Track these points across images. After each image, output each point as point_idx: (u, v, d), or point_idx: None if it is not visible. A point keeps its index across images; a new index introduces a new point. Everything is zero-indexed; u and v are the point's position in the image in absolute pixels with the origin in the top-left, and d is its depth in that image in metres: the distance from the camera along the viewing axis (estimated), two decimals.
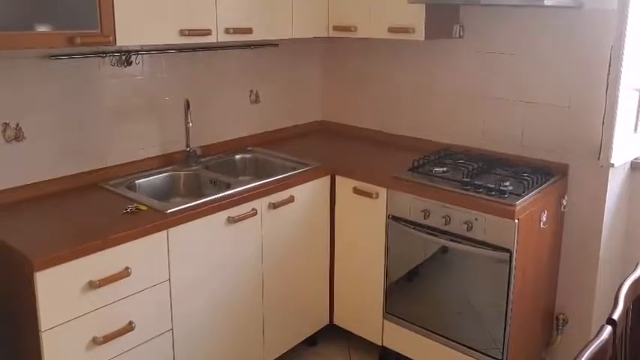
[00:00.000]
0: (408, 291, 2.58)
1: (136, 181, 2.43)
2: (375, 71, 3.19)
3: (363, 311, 2.73)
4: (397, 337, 2.62)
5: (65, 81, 2.27)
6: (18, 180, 2.18)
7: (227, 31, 2.41)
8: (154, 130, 2.63)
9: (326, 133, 3.43)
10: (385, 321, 2.65)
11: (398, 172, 2.54)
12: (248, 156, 2.93)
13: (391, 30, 2.65)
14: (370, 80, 3.22)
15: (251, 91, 3.06)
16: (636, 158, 2.57)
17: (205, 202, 2.20)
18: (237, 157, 2.90)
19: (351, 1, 2.81)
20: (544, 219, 2.39)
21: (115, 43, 2.00)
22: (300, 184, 2.56)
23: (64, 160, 2.31)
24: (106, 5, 1.95)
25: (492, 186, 2.29)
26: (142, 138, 2.58)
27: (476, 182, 2.34)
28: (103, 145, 2.44)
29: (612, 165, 2.37)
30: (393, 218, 2.53)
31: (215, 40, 2.39)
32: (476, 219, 2.26)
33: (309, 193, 2.63)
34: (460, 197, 2.30)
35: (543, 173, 2.47)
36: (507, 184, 2.33)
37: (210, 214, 2.19)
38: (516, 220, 2.16)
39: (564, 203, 2.57)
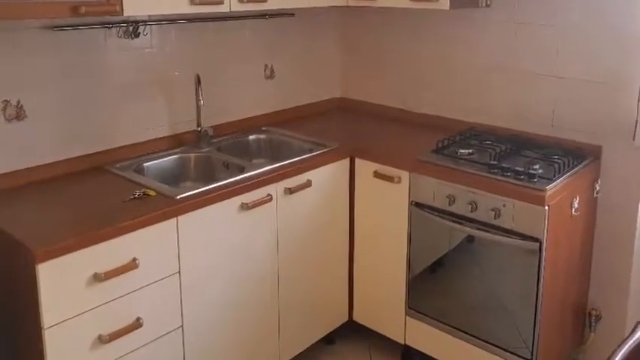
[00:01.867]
0: (431, 284, 2.49)
1: (144, 164, 2.33)
2: (396, 44, 3.05)
3: (384, 306, 2.63)
4: (420, 334, 2.53)
5: (69, 54, 2.16)
6: (19, 163, 2.07)
7: None
8: (162, 109, 2.51)
9: (345, 111, 3.30)
10: (408, 317, 2.56)
11: (421, 155, 2.44)
12: (262, 136, 2.82)
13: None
14: (392, 54, 3.08)
15: (266, 66, 2.92)
16: None
17: (217, 186, 2.10)
18: (251, 137, 2.80)
19: None
20: (576, 205, 2.29)
21: (122, 13, 1.89)
22: (318, 167, 2.45)
23: (68, 140, 2.20)
24: None
25: (521, 169, 2.19)
26: (150, 117, 2.47)
27: (503, 165, 2.24)
28: (109, 124, 2.33)
29: None
30: (416, 205, 2.42)
31: (228, 10, 2.27)
32: (504, 205, 2.16)
33: (327, 178, 2.52)
34: (487, 182, 2.20)
35: (575, 155, 2.36)
36: (537, 167, 2.23)
37: (223, 200, 2.09)
38: (546, 207, 2.07)
39: (597, 188, 2.46)
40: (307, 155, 2.46)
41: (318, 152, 2.51)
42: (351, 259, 2.70)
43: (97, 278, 1.73)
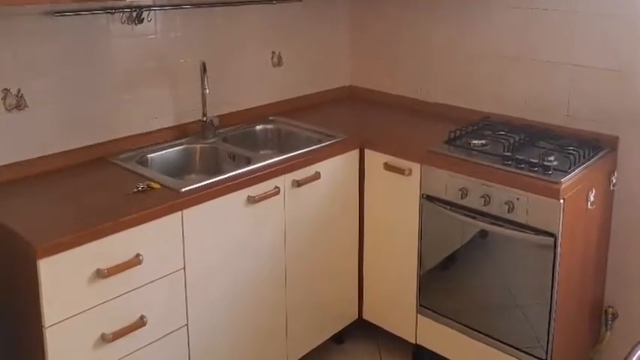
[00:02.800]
0: (443, 281, 2.43)
1: (148, 156, 2.27)
2: (408, 32, 2.97)
3: (395, 304, 2.57)
4: (432, 333, 2.47)
5: (71, 41, 2.10)
6: (19, 154, 2.01)
7: None
8: (167, 98, 2.45)
9: (354, 100, 3.22)
10: (419, 315, 2.50)
11: (432, 146, 2.37)
12: (270, 127, 2.75)
13: None
14: (403, 41, 3.00)
15: (273, 53, 2.84)
16: None
17: (223, 179, 2.05)
18: (258, 127, 2.73)
19: None
20: (592, 199, 2.22)
21: None
22: (327, 158, 2.39)
23: (70, 131, 2.14)
24: None
25: (536, 161, 2.14)
26: (154, 106, 2.40)
27: (518, 157, 2.18)
28: (111, 114, 2.28)
29: None
30: (428, 198, 2.36)
31: None
32: (517, 199, 2.11)
33: (337, 170, 2.45)
34: (501, 174, 2.14)
35: (591, 147, 2.29)
36: (552, 158, 2.17)
37: (229, 192, 2.03)
38: (561, 200, 2.01)
39: (614, 181, 2.39)
40: (316, 146, 2.40)
41: (326, 143, 2.45)
42: (360, 254, 2.64)
43: (100, 275, 1.68)
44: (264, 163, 2.18)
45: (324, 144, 2.43)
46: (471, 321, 2.32)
